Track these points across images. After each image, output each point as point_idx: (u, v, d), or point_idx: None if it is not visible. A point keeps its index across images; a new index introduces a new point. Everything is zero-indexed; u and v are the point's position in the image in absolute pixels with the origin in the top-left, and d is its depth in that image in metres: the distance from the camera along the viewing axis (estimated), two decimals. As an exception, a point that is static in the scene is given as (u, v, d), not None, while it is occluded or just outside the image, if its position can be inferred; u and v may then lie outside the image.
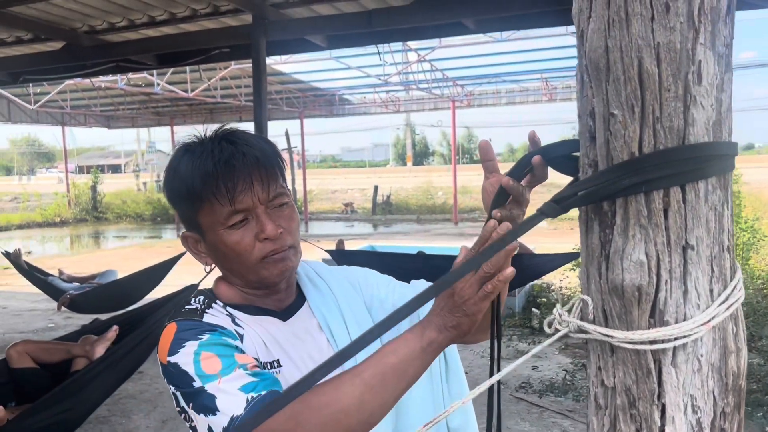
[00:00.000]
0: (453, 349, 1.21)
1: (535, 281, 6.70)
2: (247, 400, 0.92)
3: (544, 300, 6.69)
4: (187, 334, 1.01)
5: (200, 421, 0.95)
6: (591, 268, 0.76)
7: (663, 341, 0.70)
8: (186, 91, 14.15)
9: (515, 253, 0.88)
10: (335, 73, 14.50)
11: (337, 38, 5.59)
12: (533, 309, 6.43)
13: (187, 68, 12.67)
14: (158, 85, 13.41)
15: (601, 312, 0.75)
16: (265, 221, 1.04)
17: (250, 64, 5.21)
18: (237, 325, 1.08)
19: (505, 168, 0.98)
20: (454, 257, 0.92)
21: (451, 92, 16.73)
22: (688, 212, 0.70)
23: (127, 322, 4.36)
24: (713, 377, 0.72)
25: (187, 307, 1.09)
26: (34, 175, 58.05)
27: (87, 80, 12.78)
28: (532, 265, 4.81)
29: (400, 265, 4.30)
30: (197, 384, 0.95)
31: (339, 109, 18.73)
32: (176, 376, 0.98)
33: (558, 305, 0.82)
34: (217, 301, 1.11)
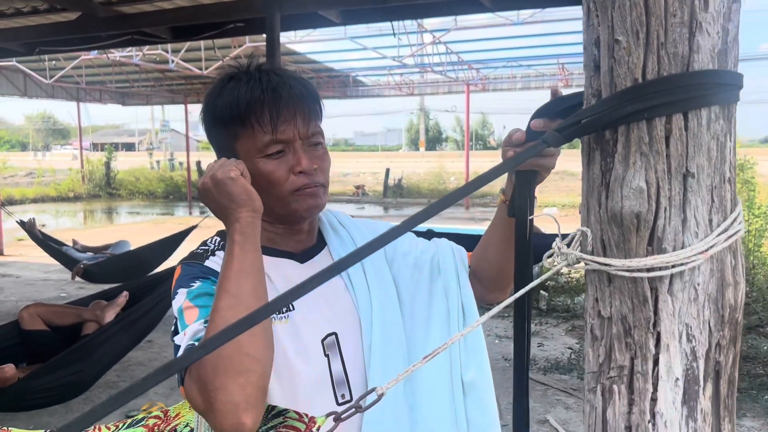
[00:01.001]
0: (472, 304, 1.20)
1: (543, 262, 6.69)
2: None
3: (552, 283, 6.68)
4: (183, 280, 1.05)
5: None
6: (591, 200, 0.76)
7: (660, 269, 0.70)
8: (200, 68, 14.16)
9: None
10: (350, 53, 14.39)
11: (350, 13, 5.56)
12: (540, 291, 6.43)
13: (202, 45, 12.67)
14: (173, 61, 13.42)
15: (599, 242, 0.75)
16: (302, 155, 1.06)
17: (264, 43, 5.21)
18: None
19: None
20: (463, 235, 0.95)
21: (465, 76, 16.62)
22: (689, 140, 0.69)
23: (138, 289, 4.42)
24: (710, 308, 0.73)
25: (200, 248, 1.13)
26: (49, 151, 58.48)
27: (102, 55, 12.82)
28: (541, 245, 4.81)
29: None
30: (177, 332, 1.00)
31: (353, 90, 18.67)
32: (174, 321, 1.03)
33: (558, 239, 0.82)
34: None
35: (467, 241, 1.44)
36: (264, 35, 5.75)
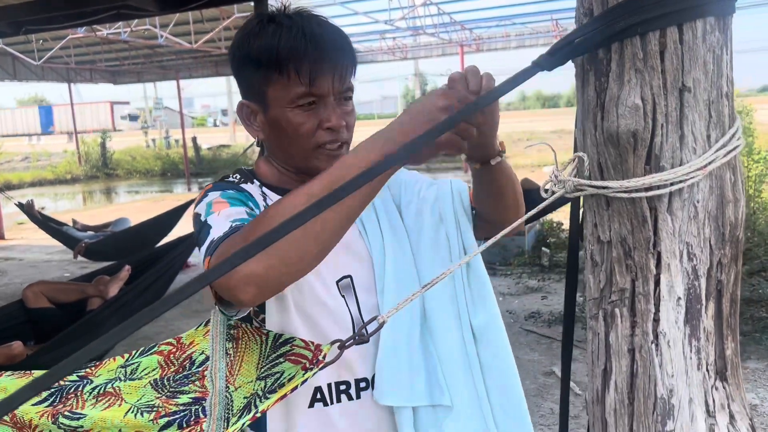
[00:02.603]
0: (473, 249, 1.19)
1: (545, 219, 6.70)
2: (231, 226, 0.94)
3: (554, 239, 6.69)
4: (215, 187, 1.06)
5: (201, 257, 0.96)
6: (587, 123, 0.75)
7: (658, 187, 0.69)
8: (190, 42, 13.97)
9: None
10: (340, 19, 14.15)
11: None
12: (543, 248, 6.44)
13: (190, 18, 12.49)
14: (162, 36, 13.24)
15: (596, 166, 0.74)
16: (332, 111, 1.05)
17: (253, 12, 5.11)
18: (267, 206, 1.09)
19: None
20: None
21: (459, 37, 16.40)
22: (685, 53, 0.68)
23: (140, 263, 4.43)
24: (710, 226, 0.72)
25: (226, 179, 1.14)
26: (44, 134, 58.06)
27: (90, 33, 12.65)
28: (541, 201, 4.81)
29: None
30: (202, 218, 0.98)
31: (345, 57, 18.40)
32: (195, 222, 1.02)
33: (554, 167, 0.81)
34: (254, 180, 1.13)
35: None
36: (252, 3, 5.65)
